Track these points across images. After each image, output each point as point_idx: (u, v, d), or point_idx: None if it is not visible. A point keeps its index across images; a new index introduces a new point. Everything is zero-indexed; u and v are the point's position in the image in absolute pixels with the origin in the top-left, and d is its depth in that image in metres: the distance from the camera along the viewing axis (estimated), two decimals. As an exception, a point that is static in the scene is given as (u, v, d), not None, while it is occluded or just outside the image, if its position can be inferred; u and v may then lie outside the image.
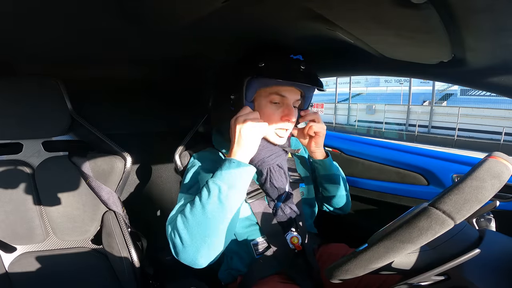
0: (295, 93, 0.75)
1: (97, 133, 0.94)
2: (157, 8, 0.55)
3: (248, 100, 0.74)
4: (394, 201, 1.09)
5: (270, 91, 0.73)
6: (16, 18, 0.54)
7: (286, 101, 0.74)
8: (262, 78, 0.71)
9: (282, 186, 0.79)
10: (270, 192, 0.78)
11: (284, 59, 0.72)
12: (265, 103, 0.74)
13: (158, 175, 1.31)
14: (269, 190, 0.78)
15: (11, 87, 0.84)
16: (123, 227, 0.92)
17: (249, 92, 0.73)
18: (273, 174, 0.77)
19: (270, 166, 0.77)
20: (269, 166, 0.77)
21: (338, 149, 1.24)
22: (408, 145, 1.16)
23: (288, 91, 0.73)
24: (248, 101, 0.74)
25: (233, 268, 0.82)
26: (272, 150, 0.77)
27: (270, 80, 0.71)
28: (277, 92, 0.73)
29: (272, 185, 0.77)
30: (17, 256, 0.91)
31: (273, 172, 0.77)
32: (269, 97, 0.74)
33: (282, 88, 0.73)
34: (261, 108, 0.74)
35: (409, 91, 12.60)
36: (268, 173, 0.77)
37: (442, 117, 10.85)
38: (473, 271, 0.44)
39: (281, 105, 0.75)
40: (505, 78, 0.65)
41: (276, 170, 0.78)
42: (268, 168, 0.77)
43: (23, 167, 0.89)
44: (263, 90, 0.74)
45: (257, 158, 0.75)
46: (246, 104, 0.74)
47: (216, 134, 0.88)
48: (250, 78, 0.72)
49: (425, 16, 0.48)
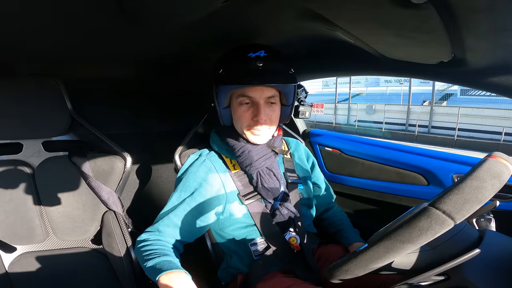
0: (264, 91, 0.73)
1: (97, 133, 0.94)
2: (157, 8, 0.55)
3: (221, 106, 0.76)
4: (394, 201, 1.09)
5: (238, 94, 0.74)
6: (16, 18, 0.54)
7: (255, 101, 0.74)
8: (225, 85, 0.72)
9: (275, 187, 0.79)
10: (264, 194, 0.79)
11: (241, 60, 0.71)
12: (237, 106, 0.75)
13: (158, 175, 1.31)
14: (262, 192, 0.79)
15: (11, 87, 0.84)
16: (123, 227, 0.92)
17: (220, 99, 0.75)
18: (263, 177, 0.78)
19: (259, 170, 0.78)
20: (257, 169, 0.78)
21: (338, 149, 1.24)
22: (408, 145, 1.16)
23: (254, 91, 0.73)
24: (221, 107, 0.76)
25: (232, 267, 0.82)
26: (259, 153, 0.78)
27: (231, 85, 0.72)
28: (243, 94, 0.73)
29: (264, 188, 0.78)
30: (17, 256, 0.91)
31: (263, 175, 0.78)
32: (238, 99, 0.74)
33: (247, 89, 0.73)
34: (234, 110, 0.76)
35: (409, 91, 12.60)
36: (258, 176, 0.78)
37: (442, 117, 10.85)
38: (473, 271, 0.44)
39: (252, 105, 0.75)
40: (505, 78, 0.65)
41: (266, 172, 0.79)
42: (257, 171, 0.78)
43: (23, 167, 0.89)
44: (232, 93, 0.75)
45: (244, 162, 0.77)
46: (221, 111, 0.77)
47: (214, 134, 0.88)
48: (217, 86, 0.74)
49: (425, 16, 0.48)
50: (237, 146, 0.78)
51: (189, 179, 0.78)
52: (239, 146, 0.78)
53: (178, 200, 0.76)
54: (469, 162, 0.97)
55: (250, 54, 0.70)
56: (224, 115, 0.78)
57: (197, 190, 0.76)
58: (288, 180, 0.85)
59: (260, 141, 0.78)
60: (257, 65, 0.69)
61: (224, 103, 0.76)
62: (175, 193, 0.77)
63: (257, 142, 0.78)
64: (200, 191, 0.75)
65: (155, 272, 0.60)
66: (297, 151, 0.96)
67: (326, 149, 1.28)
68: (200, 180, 0.77)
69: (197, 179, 0.77)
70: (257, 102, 0.74)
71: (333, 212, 0.99)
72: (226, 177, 0.79)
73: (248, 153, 0.77)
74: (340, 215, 0.98)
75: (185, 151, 0.93)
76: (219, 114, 0.78)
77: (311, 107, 1.28)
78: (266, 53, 0.71)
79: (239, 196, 0.78)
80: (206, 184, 0.76)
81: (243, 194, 0.78)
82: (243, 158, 0.77)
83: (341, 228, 0.92)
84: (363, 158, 1.17)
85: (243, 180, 0.80)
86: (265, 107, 0.74)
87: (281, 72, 0.73)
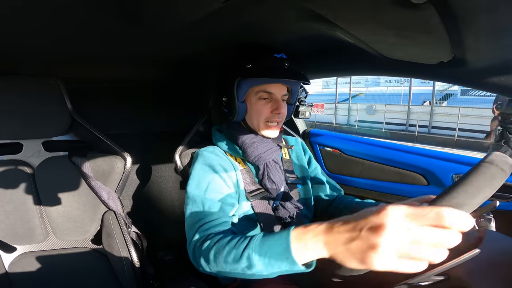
0: (282, 89, 0.80)
1: (97, 133, 0.94)
2: (157, 8, 0.55)
3: (239, 100, 0.79)
4: (394, 201, 1.09)
5: (258, 89, 0.79)
6: (16, 17, 0.54)
7: (275, 97, 0.80)
8: (251, 78, 0.76)
9: (279, 180, 0.82)
10: (269, 186, 0.81)
11: (268, 58, 0.77)
12: (255, 100, 0.80)
13: (158, 175, 1.31)
14: (267, 186, 0.81)
15: (11, 87, 0.84)
16: (123, 227, 0.92)
17: (240, 92, 0.78)
18: (270, 168, 0.81)
19: (267, 161, 0.81)
20: (265, 161, 0.81)
21: (338, 149, 1.24)
22: (408, 145, 1.16)
23: (275, 87, 0.79)
24: (239, 101, 0.79)
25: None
26: (267, 146, 0.81)
27: (258, 79, 0.77)
28: (265, 90, 0.78)
29: (270, 180, 0.81)
30: (17, 256, 0.91)
31: (270, 167, 0.82)
32: (258, 95, 0.79)
33: (269, 85, 0.78)
34: (252, 105, 0.80)
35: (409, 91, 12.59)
36: (265, 168, 0.81)
37: (442, 117, 10.83)
38: (473, 271, 0.44)
39: (270, 100, 0.80)
40: (505, 78, 0.65)
41: (272, 165, 0.82)
42: (265, 163, 0.81)
43: (23, 167, 0.89)
44: (252, 89, 0.79)
45: (253, 154, 0.80)
46: (238, 105, 0.79)
47: (216, 132, 0.88)
48: (240, 79, 0.76)
49: (425, 16, 0.48)
50: (247, 138, 0.81)
51: (204, 164, 0.76)
52: (249, 138, 0.81)
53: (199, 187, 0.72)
54: (469, 162, 0.97)
55: (275, 54, 0.77)
56: (241, 108, 0.80)
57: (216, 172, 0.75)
58: (288, 180, 0.87)
59: (273, 135, 0.83)
60: (284, 64, 0.78)
61: (243, 97, 0.79)
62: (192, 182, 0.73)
63: (270, 136, 0.82)
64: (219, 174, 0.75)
65: (272, 248, 0.48)
66: (295, 148, 0.98)
67: (326, 149, 1.28)
68: (216, 163, 0.77)
69: (213, 163, 0.76)
70: (276, 98, 0.80)
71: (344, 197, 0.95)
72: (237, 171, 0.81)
73: (257, 145, 0.80)
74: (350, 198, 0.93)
75: (185, 151, 0.93)
76: (235, 107, 0.79)
77: (311, 107, 1.28)
78: (286, 56, 0.79)
79: (246, 193, 0.79)
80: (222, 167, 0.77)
81: (248, 191, 0.80)
82: (252, 149, 0.80)
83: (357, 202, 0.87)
84: (363, 158, 1.17)
85: (248, 178, 0.81)
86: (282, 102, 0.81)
87: (300, 72, 0.80)
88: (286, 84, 0.81)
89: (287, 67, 0.78)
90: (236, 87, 0.78)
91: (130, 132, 1.22)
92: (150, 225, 1.19)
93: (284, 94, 0.81)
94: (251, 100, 0.80)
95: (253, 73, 0.76)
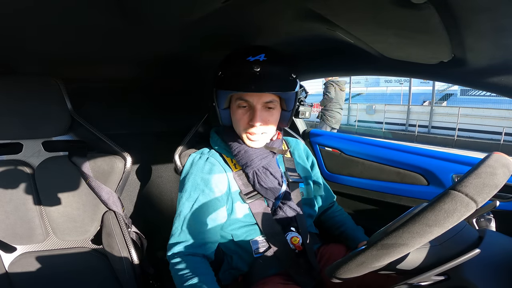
0: (262, 96, 0.72)
1: (97, 133, 0.94)
2: (158, 8, 0.55)
3: (220, 107, 0.76)
4: (394, 201, 1.09)
5: (236, 97, 0.74)
6: (16, 17, 0.54)
7: (252, 105, 0.73)
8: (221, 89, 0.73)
9: (273, 186, 0.80)
10: (263, 193, 0.79)
11: (239, 64, 0.70)
12: (235, 109, 0.75)
13: (158, 175, 1.31)
14: (261, 191, 0.79)
15: (11, 87, 0.83)
16: (123, 227, 0.92)
17: (220, 100, 0.75)
18: (259, 176, 0.79)
19: (255, 169, 0.78)
20: (253, 169, 0.78)
21: (338, 149, 1.24)
22: (408, 145, 1.16)
23: (251, 96, 0.72)
24: (221, 108, 0.76)
25: (233, 267, 0.82)
26: (255, 153, 0.78)
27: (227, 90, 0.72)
28: (241, 97, 0.73)
29: (261, 187, 0.79)
30: (17, 256, 0.91)
31: (259, 174, 0.79)
32: (237, 102, 0.74)
33: (243, 94, 0.72)
34: (233, 113, 0.76)
35: (409, 91, 12.58)
36: (254, 175, 0.79)
37: (442, 117, 10.83)
38: (473, 271, 0.44)
39: (249, 109, 0.74)
40: (505, 78, 0.65)
41: (262, 172, 0.79)
42: (253, 171, 0.78)
43: (23, 167, 0.89)
44: (232, 95, 0.75)
45: (241, 162, 0.78)
46: (220, 112, 0.77)
47: (214, 134, 0.88)
48: (217, 88, 0.74)
49: (425, 16, 0.48)
50: (234, 146, 0.79)
51: (197, 176, 0.78)
52: (236, 145, 0.79)
53: (189, 200, 0.75)
54: (469, 162, 0.97)
55: (249, 57, 0.68)
56: (224, 116, 0.78)
57: (207, 186, 0.76)
58: (289, 179, 0.85)
59: (256, 146, 0.78)
60: (255, 70, 0.67)
61: (224, 105, 0.76)
62: (184, 194, 0.77)
63: (253, 146, 0.78)
64: (210, 187, 0.76)
65: None
66: (297, 149, 0.96)
67: (326, 149, 1.28)
68: (208, 176, 0.77)
69: (205, 176, 0.77)
70: (253, 107, 0.73)
71: (332, 212, 0.99)
72: (229, 175, 0.80)
73: (244, 153, 0.78)
74: (340, 214, 0.98)
75: (185, 151, 0.92)
76: (218, 114, 0.78)
77: (311, 107, 1.28)
78: (266, 57, 0.69)
79: (241, 195, 0.78)
80: (214, 180, 0.77)
81: (244, 193, 0.79)
82: (239, 157, 0.78)
83: (346, 228, 0.92)
84: (363, 158, 1.17)
85: (243, 179, 0.80)
86: (262, 111, 0.73)
87: (280, 78, 0.71)
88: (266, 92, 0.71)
89: (259, 73, 0.67)
90: (216, 94, 0.75)
91: (130, 132, 1.22)
92: (150, 225, 1.19)
93: (267, 102, 0.73)
94: (233, 107, 0.76)
95: (223, 83, 0.72)
